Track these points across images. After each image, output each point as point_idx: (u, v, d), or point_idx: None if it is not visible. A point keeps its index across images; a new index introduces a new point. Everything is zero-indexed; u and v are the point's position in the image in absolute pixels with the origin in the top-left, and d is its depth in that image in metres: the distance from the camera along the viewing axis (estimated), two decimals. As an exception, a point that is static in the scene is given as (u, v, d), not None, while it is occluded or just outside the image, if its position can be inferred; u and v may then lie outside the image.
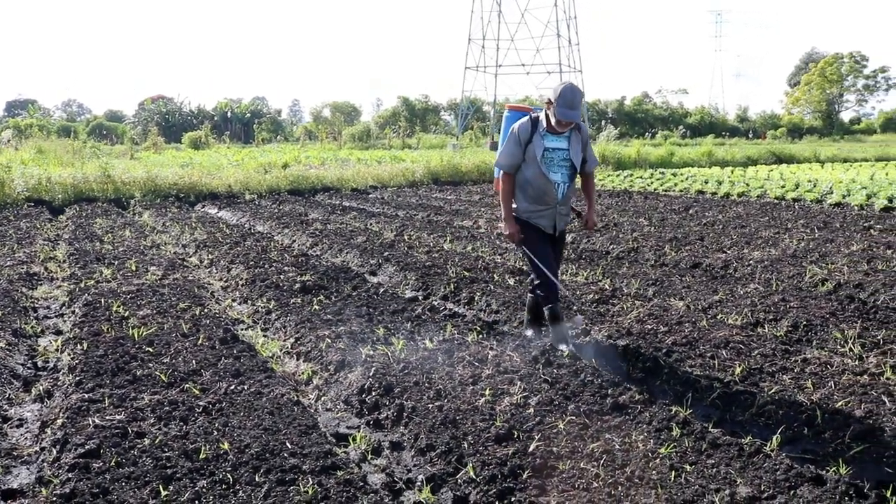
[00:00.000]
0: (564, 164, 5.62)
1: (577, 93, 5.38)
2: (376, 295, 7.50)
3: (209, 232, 11.87)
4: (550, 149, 5.55)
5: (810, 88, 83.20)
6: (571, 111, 5.34)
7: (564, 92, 5.33)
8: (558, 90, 5.37)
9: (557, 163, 5.60)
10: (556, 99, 5.34)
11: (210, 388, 4.88)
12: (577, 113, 5.38)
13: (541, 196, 5.61)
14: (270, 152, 35.37)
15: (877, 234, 11.42)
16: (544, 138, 5.55)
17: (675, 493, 3.51)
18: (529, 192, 5.64)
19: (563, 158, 5.60)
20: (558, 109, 5.34)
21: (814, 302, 6.96)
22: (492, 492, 3.56)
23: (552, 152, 5.56)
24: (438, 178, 22.45)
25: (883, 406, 4.49)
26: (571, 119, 5.39)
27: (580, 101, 5.41)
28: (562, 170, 5.62)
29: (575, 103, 5.34)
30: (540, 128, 5.57)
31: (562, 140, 5.60)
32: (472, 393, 4.68)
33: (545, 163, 5.55)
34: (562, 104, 5.32)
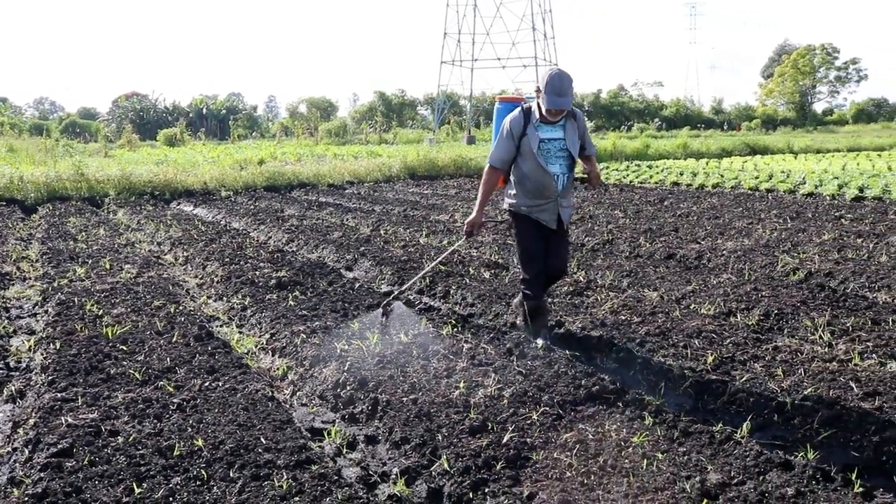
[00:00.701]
0: (562, 154, 5.41)
1: (564, 79, 5.12)
2: (352, 290, 7.51)
3: (184, 229, 11.81)
4: (546, 139, 5.34)
5: (784, 80, 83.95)
6: (560, 98, 5.10)
7: (552, 79, 5.10)
8: (545, 77, 5.14)
9: (555, 154, 5.39)
10: (544, 87, 5.12)
11: (184, 386, 4.87)
12: (567, 100, 5.12)
13: (540, 190, 5.41)
14: (246, 149, 35.17)
15: (847, 224, 11.56)
16: (538, 129, 5.34)
17: (647, 481, 3.55)
18: (528, 186, 5.44)
19: (559, 149, 5.39)
20: (547, 97, 5.11)
21: (785, 291, 7.05)
22: (466, 483, 3.59)
23: (548, 143, 5.35)
24: (415, 172, 22.44)
25: (850, 392, 4.57)
26: (561, 107, 5.14)
27: (569, 86, 5.13)
28: (559, 161, 5.41)
29: (563, 90, 5.09)
30: (533, 119, 5.35)
31: (557, 129, 5.37)
32: (446, 386, 4.70)
33: (542, 155, 5.34)
34: (550, 91, 5.09)
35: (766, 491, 3.44)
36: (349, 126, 58.85)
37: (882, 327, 5.94)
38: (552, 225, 5.52)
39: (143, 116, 65.52)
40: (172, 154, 30.74)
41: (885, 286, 7.18)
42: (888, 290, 7.06)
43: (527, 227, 5.57)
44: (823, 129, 67.80)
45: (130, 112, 65.59)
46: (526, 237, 5.59)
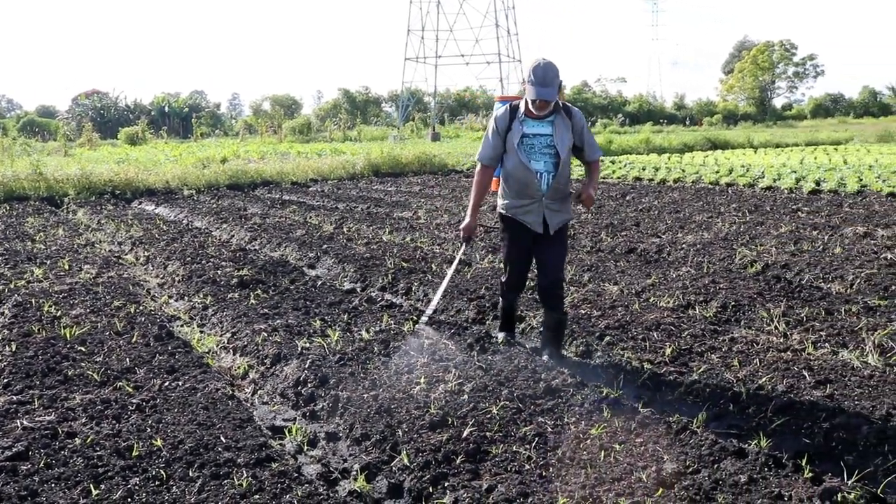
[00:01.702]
0: (548, 151, 5.12)
1: (549, 69, 4.90)
2: (314, 288, 7.49)
3: (146, 229, 11.68)
4: (530, 135, 5.11)
5: (743, 76, 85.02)
6: (544, 88, 4.88)
7: (536, 69, 4.90)
8: (530, 68, 4.95)
9: (539, 150, 5.12)
10: (528, 77, 4.93)
11: (144, 386, 4.84)
12: (551, 91, 4.90)
13: (523, 188, 5.17)
14: (209, 147, 34.85)
15: (804, 216, 11.78)
16: (523, 124, 5.12)
17: (605, 472, 3.61)
18: (512, 184, 5.23)
19: (545, 145, 5.12)
20: (531, 88, 4.91)
21: (742, 283, 7.17)
22: (426, 478, 3.61)
23: (532, 138, 5.11)
24: (379, 169, 22.39)
25: (803, 380, 4.67)
26: (545, 98, 4.90)
27: (554, 77, 4.90)
28: (544, 157, 5.13)
29: (547, 80, 4.88)
30: (518, 114, 5.15)
31: (544, 125, 5.12)
32: (407, 382, 4.72)
33: (524, 150, 5.11)
34: (533, 81, 4.89)
35: (720, 479, 3.51)
36: (313, 124, 58.52)
37: (835, 317, 6.07)
38: (537, 228, 5.22)
39: (103, 115, 64.57)
40: (134, 153, 30.37)
41: (839, 277, 7.34)
42: (841, 281, 7.22)
43: (511, 230, 5.35)
44: (783, 124, 68.84)
45: (90, 110, 64.60)
46: (508, 241, 5.41)
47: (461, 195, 15.90)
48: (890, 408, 4.18)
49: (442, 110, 68.25)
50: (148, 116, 60.59)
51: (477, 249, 9.30)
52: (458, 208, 13.56)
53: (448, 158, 25.48)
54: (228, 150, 28.22)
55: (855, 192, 14.99)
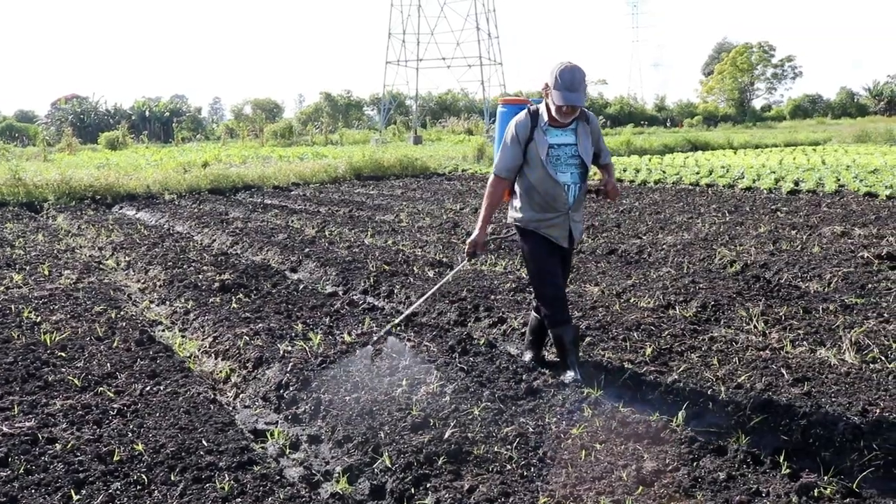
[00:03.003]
0: (573, 161, 4.77)
1: (577, 72, 4.49)
2: (296, 291, 7.49)
3: (126, 234, 11.63)
4: (556, 145, 4.72)
5: (723, 77, 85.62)
6: (573, 94, 4.47)
7: (563, 72, 4.47)
8: (555, 71, 4.50)
9: (565, 161, 4.75)
10: (553, 81, 4.49)
11: (125, 391, 4.83)
12: (580, 96, 4.49)
13: (549, 202, 4.77)
14: (190, 151, 34.69)
15: (783, 216, 11.89)
16: (547, 133, 4.71)
17: (585, 471, 3.64)
18: (536, 198, 4.79)
19: (571, 155, 4.76)
20: (557, 93, 4.48)
21: (722, 282, 7.24)
22: (408, 479, 3.63)
23: (558, 149, 4.72)
24: (361, 173, 22.38)
25: (781, 378, 4.73)
26: (574, 104, 4.49)
27: (581, 81, 4.50)
28: (571, 169, 4.77)
29: (575, 84, 4.47)
30: (541, 122, 4.72)
31: (568, 134, 4.76)
32: (389, 384, 4.73)
33: (551, 162, 4.70)
34: (560, 86, 4.47)
35: (699, 476, 3.55)
36: (295, 127, 58.32)
37: (813, 315, 6.14)
38: (563, 242, 4.88)
39: (83, 119, 64.06)
40: (114, 157, 30.17)
41: (817, 276, 7.42)
42: (819, 280, 7.30)
43: (537, 243, 4.89)
44: (762, 125, 69.31)
45: (70, 115, 64.07)
46: (538, 255, 4.90)
47: (443, 198, 15.92)
48: (866, 404, 4.24)
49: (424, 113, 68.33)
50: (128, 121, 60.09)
51: (459, 251, 9.32)
52: (440, 211, 13.58)
53: (430, 161, 25.51)
54: (210, 155, 28.10)
55: (833, 192, 15.14)
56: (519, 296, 6.97)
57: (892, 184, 15.25)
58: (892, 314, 6.11)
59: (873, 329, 5.68)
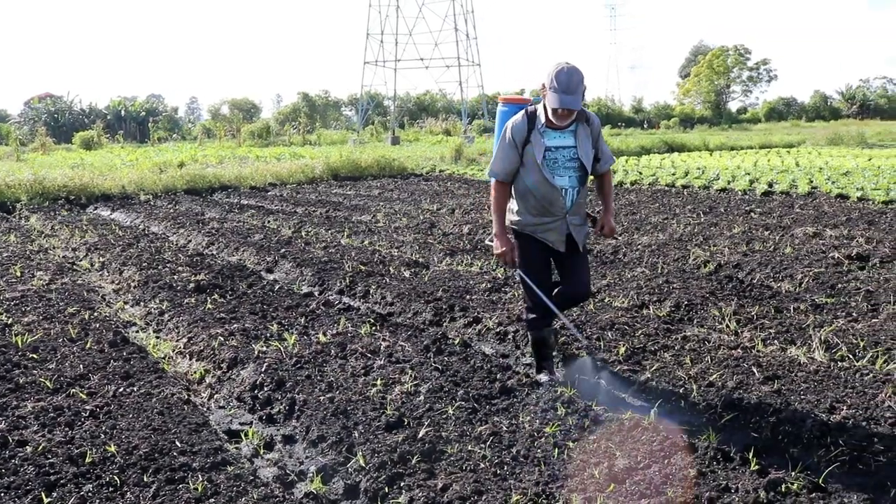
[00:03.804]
0: (572, 164, 4.61)
1: (574, 74, 4.33)
2: (272, 292, 7.48)
3: (101, 234, 11.54)
4: (553, 148, 4.56)
5: (699, 80, 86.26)
6: (568, 97, 4.31)
7: (559, 74, 4.31)
8: (552, 72, 4.35)
9: (563, 164, 4.60)
10: (549, 83, 4.35)
11: (98, 392, 4.80)
12: (576, 99, 4.34)
13: (546, 206, 4.63)
14: (166, 151, 34.44)
15: (757, 217, 12.01)
16: (544, 136, 4.56)
17: (558, 469, 3.67)
18: (532, 202, 4.66)
19: (569, 158, 4.60)
20: (553, 95, 4.34)
21: (695, 282, 7.31)
22: (381, 478, 3.64)
23: (555, 152, 4.57)
24: (338, 173, 22.33)
25: (752, 376, 4.79)
26: (570, 107, 4.34)
27: (579, 83, 4.33)
28: (569, 172, 4.62)
29: (571, 86, 4.30)
30: (538, 123, 4.58)
31: (566, 136, 4.60)
32: (363, 384, 4.75)
33: (548, 165, 4.55)
34: (556, 89, 4.32)
35: (670, 473, 3.60)
36: (272, 127, 58.10)
37: (784, 315, 6.22)
38: (560, 247, 4.73)
39: (57, 119, 63.42)
40: (89, 157, 29.88)
41: (789, 276, 7.51)
42: (791, 280, 7.39)
43: (529, 248, 4.78)
44: (738, 127, 69.90)
45: (44, 114, 63.43)
46: (527, 260, 4.80)
47: (420, 198, 15.93)
48: (833, 401, 4.31)
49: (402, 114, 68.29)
50: (104, 120, 59.52)
51: (435, 252, 9.34)
52: (417, 211, 13.59)
53: (407, 162, 25.51)
54: (186, 155, 27.93)
55: (806, 194, 15.31)
56: (494, 296, 7.00)
57: (863, 186, 15.45)
58: (861, 313, 6.21)
59: (842, 328, 5.77)
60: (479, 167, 25.26)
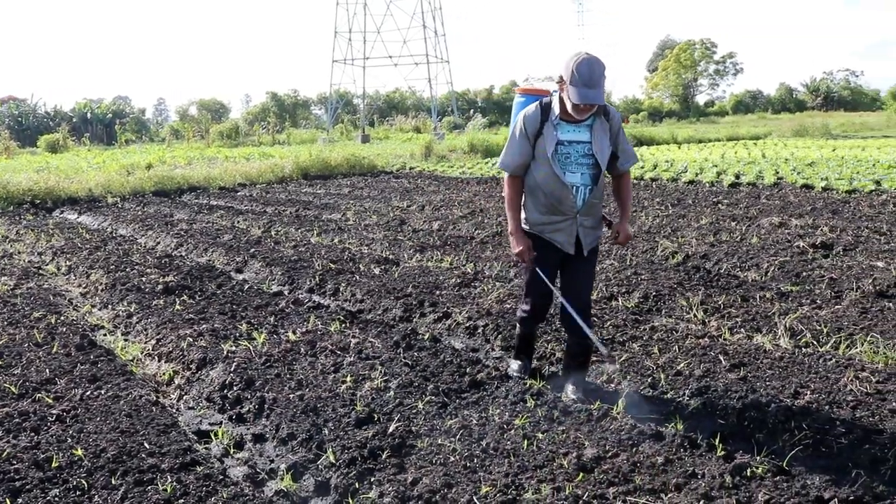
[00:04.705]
0: (585, 161, 4.34)
1: (596, 66, 4.05)
2: (241, 291, 7.44)
3: (68, 238, 11.40)
4: (566, 142, 4.32)
5: (667, 74, 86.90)
6: (591, 91, 4.04)
7: (580, 66, 4.03)
8: (571, 64, 4.05)
9: (576, 160, 4.34)
10: (570, 76, 4.06)
11: (64, 396, 4.75)
12: (599, 93, 4.07)
13: (555, 204, 4.38)
14: (134, 153, 34.09)
15: (724, 209, 12.15)
16: (558, 129, 4.31)
17: (528, 460, 3.70)
18: (541, 198, 4.42)
19: (583, 154, 4.34)
20: (574, 90, 4.05)
21: (663, 273, 7.38)
22: (352, 474, 3.65)
23: (568, 146, 4.32)
24: (308, 172, 22.22)
25: (719, 364, 4.85)
26: (592, 101, 4.07)
27: (601, 76, 4.06)
28: (581, 169, 4.35)
29: (594, 79, 4.03)
30: (552, 116, 4.34)
31: (582, 130, 4.34)
32: (333, 381, 4.74)
33: (559, 160, 4.31)
34: (578, 82, 4.03)
35: (638, 461, 3.63)
36: (242, 128, 57.63)
37: (750, 303, 6.31)
38: (569, 249, 4.46)
39: (21, 122, 62.43)
40: (55, 161, 29.46)
41: (755, 265, 7.61)
42: (757, 269, 7.49)
43: (541, 248, 4.53)
44: (706, 120, 70.59)
45: (7, 118, 62.35)
46: (536, 261, 4.55)
47: (390, 196, 15.91)
48: (798, 387, 4.38)
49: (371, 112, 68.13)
50: (69, 123, 58.71)
51: (405, 249, 9.35)
52: (388, 209, 13.57)
53: (377, 160, 25.48)
54: (154, 157, 27.66)
55: (772, 185, 15.51)
56: (464, 291, 7.02)
57: (827, 176, 15.71)
58: (825, 300, 6.31)
59: (806, 315, 5.86)
60: (450, 164, 25.30)
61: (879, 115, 58.29)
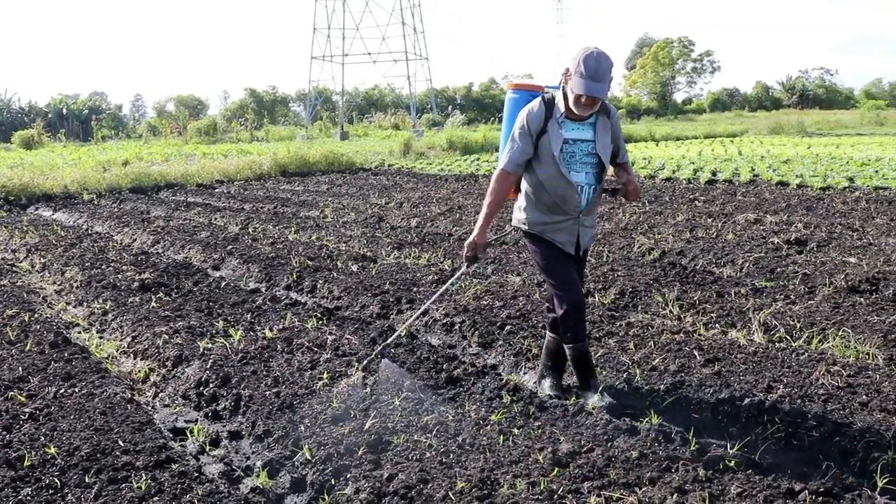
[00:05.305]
0: (589, 160, 4.24)
1: (603, 60, 3.95)
2: (218, 289, 7.40)
3: (42, 235, 11.29)
4: (571, 140, 4.19)
5: (645, 72, 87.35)
6: (596, 84, 3.95)
7: (587, 58, 3.93)
8: (580, 56, 3.96)
9: (580, 159, 4.22)
10: (576, 68, 3.96)
11: (38, 394, 4.71)
12: (604, 87, 3.98)
13: (559, 204, 4.26)
14: (111, 150, 33.81)
15: (700, 205, 12.25)
16: (563, 127, 4.18)
17: (503, 456, 3.71)
18: (544, 198, 4.28)
19: (587, 153, 4.23)
20: (579, 81, 3.95)
21: (640, 270, 7.43)
22: (328, 471, 3.65)
23: (573, 145, 4.20)
24: (286, 169, 22.14)
25: (694, 360, 4.89)
26: (596, 95, 3.97)
27: (608, 71, 3.98)
28: (586, 168, 4.24)
29: (601, 73, 3.94)
30: (556, 113, 4.19)
31: (585, 128, 4.23)
32: (310, 378, 4.74)
33: (564, 160, 4.18)
34: (583, 74, 3.93)
35: (613, 455, 3.66)
36: (220, 124, 57.31)
37: (725, 299, 6.36)
38: (569, 249, 4.36)
39: (-6, 118, 61.77)
40: (29, 157, 29.14)
41: (730, 261, 7.68)
42: (732, 265, 7.56)
43: (549, 246, 4.37)
44: (683, 118, 71.05)
45: (-21, 113, 61.71)
46: (551, 258, 4.36)
47: (368, 193, 15.89)
48: (771, 381, 4.43)
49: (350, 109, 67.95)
50: (44, 119, 58.18)
51: (383, 245, 9.34)
52: (366, 206, 13.55)
53: (356, 157, 25.43)
54: (131, 153, 27.45)
55: (748, 182, 15.65)
56: (441, 287, 7.01)
57: (802, 173, 15.86)
58: (798, 296, 6.38)
59: (780, 310, 5.93)
60: (428, 161, 25.29)
61: (853, 113, 58.98)
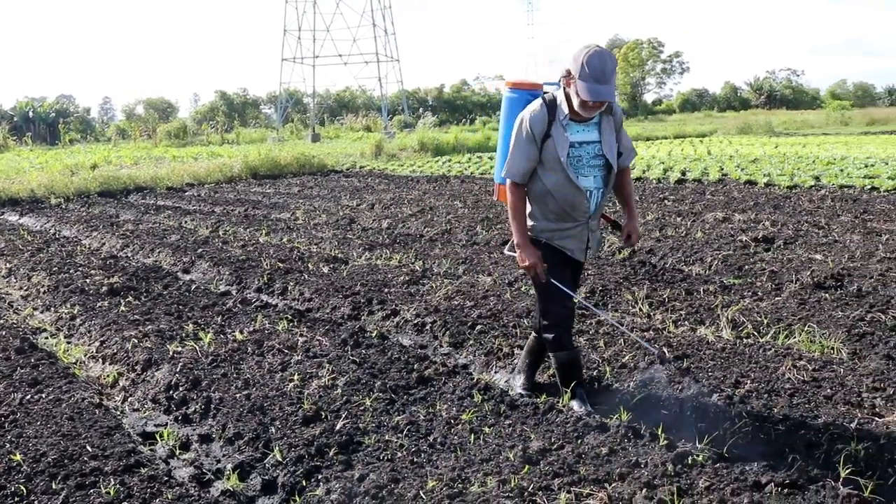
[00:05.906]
0: (596, 162, 4.05)
1: (608, 60, 3.75)
2: (188, 292, 7.35)
3: (8, 240, 11.14)
4: (577, 143, 3.99)
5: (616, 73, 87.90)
6: (603, 86, 3.73)
7: (591, 60, 3.71)
8: (581, 57, 3.73)
9: (587, 162, 4.03)
10: (579, 70, 3.72)
11: (3, 401, 4.65)
12: (610, 89, 3.77)
13: (567, 210, 4.08)
14: (78, 153, 33.39)
15: (670, 205, 12.35)
16: (568, 129, 3.97)
17: (474, 454, 3.73)
18: (551, 205, 4.09)
19: (594, 155, 4.04)
20: (584, 85, 3.72)
21: (610, 268, 7.49)
22: (299, 472, 3.65)
23: (579, 148, 4.00)
24: (257, 172, 22.02)
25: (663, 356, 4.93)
26: (603, 98, 3.75)
27: (613, 71, 3.77)
28: (594, 171, 4.06)
29: (606, 74, 3.72)
30: (560, 115, 3.97)
31: (590, 129, 4.03)
32: (280, 379, 4.72)
33: (572, 164, 3.99)
34: (588, 77, 3.71)
35: (583, 452, 3.69)
36: (190, 127, 56.90)
37: (694, 297, 6.43)
38: (579, 255, 4.23)
39: (-42, 122, 60.80)
40: (-6, 162, 28.76)
41: (699, 259, 7.76)
42: (701, 263, 7.63)
43: (548, 256, 4.18)
44: (654, 119, 71.55)
45: (-56, 118, 60.73)
46: (556, 269, 4.19)
47: (340, 195, 15.85)
48: (738, 377, 4.49)
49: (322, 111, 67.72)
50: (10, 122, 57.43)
51: (354, 247, 9.32)
52: (337, 208, 13.52)
53: (327, 159, 25.36)
54: (99, 156, 27.13)
55: (717, 181, 15.80)
56: (412, 288, 7.03)
57: (769, 172, 16.05)
58: (765, 292, 6.46)
59: (748, 307, 6.00)
60: (400, 163, 25.28)
61: (819, 114, 59.69)
